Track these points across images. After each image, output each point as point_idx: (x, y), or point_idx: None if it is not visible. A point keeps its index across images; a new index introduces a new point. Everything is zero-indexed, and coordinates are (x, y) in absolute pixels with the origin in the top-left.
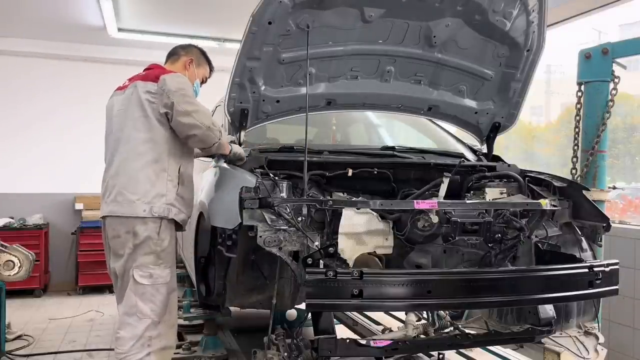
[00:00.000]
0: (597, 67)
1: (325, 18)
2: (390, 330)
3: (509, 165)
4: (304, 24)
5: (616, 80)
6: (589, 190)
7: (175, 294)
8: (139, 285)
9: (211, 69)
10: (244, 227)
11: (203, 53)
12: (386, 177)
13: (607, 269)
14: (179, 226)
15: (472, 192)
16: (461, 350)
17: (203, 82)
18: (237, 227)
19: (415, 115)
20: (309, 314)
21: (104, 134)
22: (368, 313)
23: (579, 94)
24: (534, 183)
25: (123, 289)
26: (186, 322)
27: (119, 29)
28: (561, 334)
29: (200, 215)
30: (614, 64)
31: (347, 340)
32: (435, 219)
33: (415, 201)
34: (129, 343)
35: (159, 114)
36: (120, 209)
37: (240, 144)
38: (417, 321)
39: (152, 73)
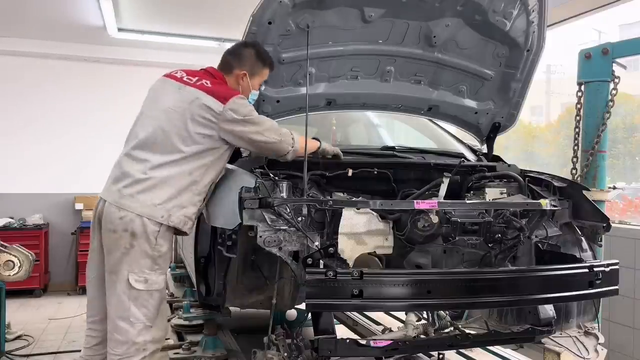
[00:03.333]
0: (597, 67)
1: (325, 18)
2: (390, 330)
3: (509, 165)
4: (304, 24)
5: (616, 80)
6: (589, 190)
7: (165, 297)
8: (133, 290)
9: (271, 68)
10: (244, 227)
11: (259, 56)
12: (386, 177)
13: (607, 269)
14: (181, 232)
15: (472, 192)
16: (461, 350)
17: (261, 85)
18: (237, 227)
19: (415, 115)
20: (309, 314)
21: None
22: (368, 313)
23: (579, 94)
24: (534, 183)
25: (112, 286)
26: (186, 322)
27: (119, 29)
28: (561, 334)
29: (200, 215)
30: (614, 64)
31: (347, 340)
32: (435, 219)
33: (415, 201)
34: (123, 346)
35: (217, 136)
36: (141, 209)
37: None
38: (417, 321)
39: (220, 90)
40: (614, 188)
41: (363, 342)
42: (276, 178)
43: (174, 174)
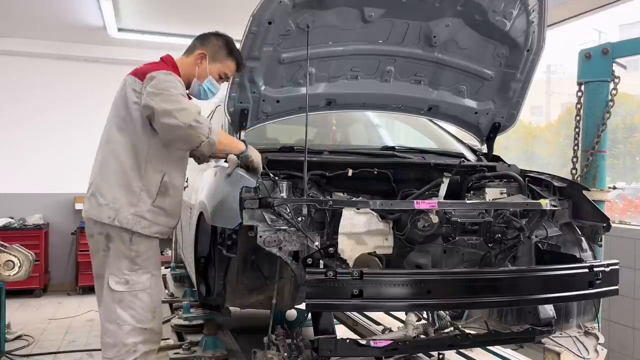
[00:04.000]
0: (597, 67)
1: (325, 18)
2: (390, 330)
3: (509, 165)
4: (304, 24)
5: (616, 80)
6: (589, 190)
7: (160, 298)
8: (116, 293)
9: (239, 63)
10: (244, 227)
11: (227, 45)
12: (386, 177)
13: (607, 269)
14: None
15: (472, 192)
16: (461, 350)
17: (223, 78)
18: (237, 227)
19: (415, 115)
20: (309, 314)
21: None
22: (368, 313)
23: (579, 94)
24: (534, 183)
25: (100, 290)
26: (186, 322)
27: (119, 29)
28: (561, 334)
29: (200, 215)
30: (614, 64)
31: (347, 340)
32: (435, 219)
33: (415, 201)
34: (114, 349)
35: (143, 118)
36: (91, 210)
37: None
38: (417, 321)
39: (142, 69)
40: (614, 188)
41: (363, 342)
42: (276, 178)
43: (117, 169)
